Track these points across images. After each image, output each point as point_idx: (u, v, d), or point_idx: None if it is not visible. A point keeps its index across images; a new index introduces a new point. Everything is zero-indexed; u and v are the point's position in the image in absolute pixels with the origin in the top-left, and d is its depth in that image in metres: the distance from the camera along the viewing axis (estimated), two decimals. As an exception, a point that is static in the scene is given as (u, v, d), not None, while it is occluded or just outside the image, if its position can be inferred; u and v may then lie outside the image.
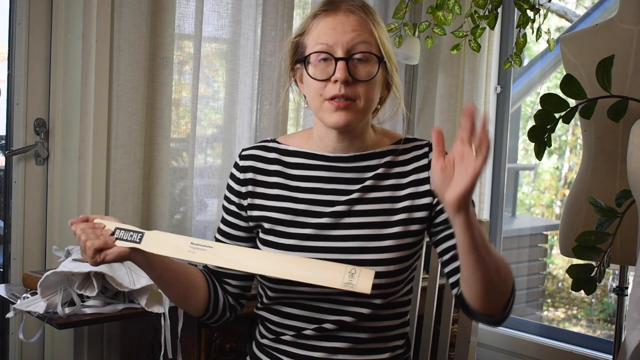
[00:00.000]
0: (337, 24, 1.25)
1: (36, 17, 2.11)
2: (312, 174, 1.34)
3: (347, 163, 1.33)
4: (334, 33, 1.24)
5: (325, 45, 1.24)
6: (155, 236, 1.20)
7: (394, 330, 1.35)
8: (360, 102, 1.25)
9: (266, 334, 1.37)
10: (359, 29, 1.25)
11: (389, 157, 1.33)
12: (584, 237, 1.67)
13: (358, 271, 1.11)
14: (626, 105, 1.63)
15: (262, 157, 1.38)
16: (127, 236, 1.20)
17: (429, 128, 2.91)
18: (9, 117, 2.13)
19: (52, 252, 2.04)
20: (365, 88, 1.25)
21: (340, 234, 1.29)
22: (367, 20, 1.26)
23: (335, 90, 1.23)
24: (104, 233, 1.21)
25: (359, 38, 1.24)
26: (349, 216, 1.30)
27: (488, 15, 2.35)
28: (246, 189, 1.36)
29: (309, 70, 1.26)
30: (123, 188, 2.11)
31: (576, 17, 3.80)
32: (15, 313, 1.76)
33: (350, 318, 1.29)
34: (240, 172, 1.38)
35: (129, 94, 2.09)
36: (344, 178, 1.32)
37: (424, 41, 2.59)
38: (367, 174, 1.32)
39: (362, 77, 1.24)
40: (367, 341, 1.31)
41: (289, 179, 1.35)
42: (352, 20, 1.25)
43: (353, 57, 1.24)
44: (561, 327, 3.61)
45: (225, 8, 2.36)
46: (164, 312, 1.78)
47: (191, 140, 2.28)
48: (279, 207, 1.33)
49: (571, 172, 4.34)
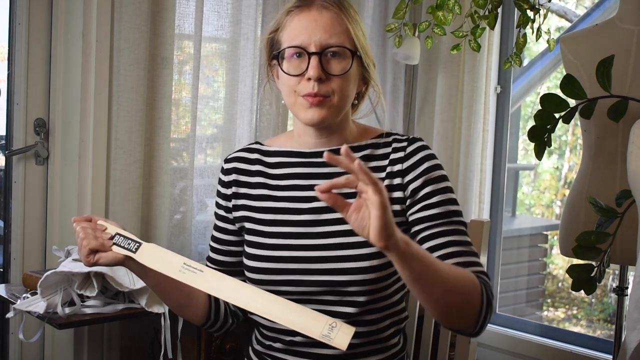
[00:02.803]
0: (310, 21, 1.25)
1: (36, 17, 2.11)
2: (291, 171, 1.35)
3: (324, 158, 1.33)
4: (307, 29, 1.25)
5: (299, 41, 1.25)
6: (151, 249, 1.20)
7: (387, 330, 1.32)
8: (334, 98, 1.25)
9: (261, 341, 1.37)
10: (332, 24, 1.25)
11: (367, 151, 1.33)
12: (584, 237, 1.67)
13: (338, 325, 1.08)
14: (626, 105, 1.63)
15: (244, 158, 1.39)
16: (125, 243, 1.20)
17: (429, 128, 2.91)
18: (9, 117, 2.13)
19: (52, 252, 2.04)
20: (340, 83, 1.25)
21: (321, 230, 1.29)
22: (341, 15, 1.26)
23: (309, 88, 1.24)
24: (102, 235, 1.21)
25: (332, 34, 1.25)
26: (328, 212, 1.29)
27: (488, 15, 2.35)
28: (231, 191, 1.38)
29: (282, 65, 1.27)
30: (123, 188, 2.11)
31: (576, 17, 3.80)
32: (15, 313, 1.76)
33: (338, 319, 1.28)
34: (225, 175, 1.39)
35: (129, 94, 2.09)
36: (321, 173, 1.33)
37: (424, 41, 2.59)
38: None
39: (336, 72, 1.25)
40: (359, 346, 1.30)
41: (270, 179, 1.36)
42: (325, 16, 1.25)
43: (326, 52, 1.24)
44: (561, 327, 3.61)
45: (225, 8, 2.36)
46: (164, 312, 1.79)
47: (191, 140, 2.28)
48: (261, 207, 1.34)
49: (571, 172, 4.34)
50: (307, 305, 1.28)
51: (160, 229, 2.20)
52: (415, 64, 2.75)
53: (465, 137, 2.80)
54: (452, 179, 1.83)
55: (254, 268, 1.31)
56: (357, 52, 1.27)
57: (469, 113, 2.79)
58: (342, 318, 1.27)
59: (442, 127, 2.85)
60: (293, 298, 1.28)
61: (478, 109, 2.78)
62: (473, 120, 2.78)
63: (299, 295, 1.28)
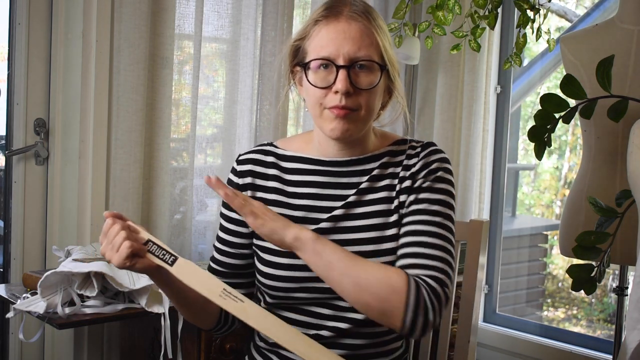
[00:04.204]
0: (339, 32, 1.22)
1: (36, 17, 2.11)
2: (309, 179, 1.32)
3: (343, 167, 1.31)
4: (335, 41, 1.22)
5: (327, 52, 1.22)
6: (187, 266, 1.16)
7: (392, 333, 1.33)
8: (361, 112, 1.23)
9: (266, 338, 1.36)
10: (361, 37, 1.22)
11: (385, 159, 1.32)
12: (584, 237, 1.67)
13: None
14: (626, 105, 1.63)
15: (260, 160, 1.36)
16: (160, 253, 1.16)
17: (429, 128, 2.92)
18: (9, 117, 2.13)
19: (52, 252, 2.04)
20: (367, 97, 1.23)
21: (339, 238, 1.27)
22: (370, 27, 1.24)
23: (335, 101, 1.21)
24: (137, 238, 1.16)
25: (361, 46, 1.22)
26: (347, 220, 1.28)
27: (488, 15, 2.35)
28: (246, 195, 1.33)
29: (309, 77, 1.24)
30: (123, 188, 2.11)
31: (576, 17, 3.80)
32: (15, 313, 1.76)
33: (346, 325, 1.28)
34: (239, 177, 1.35)
35: (129, 94, 2.09)
36: (340, 183, 1.31)
37: (424, 41, 2.59)
38: (363, 177, 1.31)
39: (364, 85, 1.22)
40: (364, 347, 1.30)
41: (286, 185, 1.33)
42: (354, 27, 1.22)
43: (355, 65, 1.22)
44: (561, 327, 3.61)
45: (225, 8, 2.36)
46: (164, 312, 1.78)
47: (191, 140, 2.28)
48: (277, 213, 1.32)
49: (571, 172, 4.34)
50: (320, 309, 1.29)
51: (160, 229, 2.20)
52: (415, 64, 2.75)
53: (465, 137, 2.80)
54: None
55: (268, 275, 1.29)
56: (386, 66, 1.25)
57: (469, 113, 2.79)
58: (351, 323, 1.28)
59: (442, 127, 2.85)
60: (306, 303, 1.29)
61: (478, 109, 2.78)
62: (473, 120, 2.78)
63: (312, 301, 1.28)
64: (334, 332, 1.28)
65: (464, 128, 2.80)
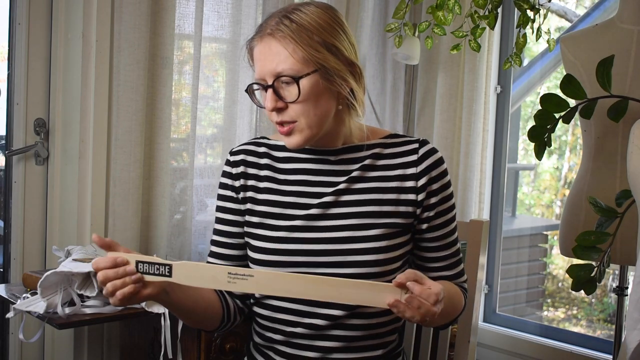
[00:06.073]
0: (261, 53, 1.26)
1: (36, 17, 2.11)
2: (300, 166, 1.36)
3: (334, 156, 1.35)
4: (259, 63, 1.27)
5: (257, 75, 1.27)
6: (184, 267, 1.14)
7: (387, 326, 1.35)
8: (301, 122, 1.25)
9: (261, 333, 1.37)
10: (277, 52, 1.23)
11: (376, 149, 1.35)
12: (584, 237, 1.67)
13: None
14: (626, 105, 1.63)
15: (253, 151, 1.41)
16: (153, 269, 1.13)
17: (429, 128, 2.91)
18: (9, 117, 2.13)
19: (52, 252, 2.04)
20: (300, 107, 1.24)
21: (328, 224, 1.30)
22: (286, 39, 1.23)
23: (274, 117, 1.27)
24: (128, 273, 1.11)
25: (279, 62, 1.23)
26: (336, 207, 1.31)
27: (488, 15, 2.35)
28: (239, 183, 1.39)
29: (254, 100, 1.31)
30: (123, 188, 2.11)
31: (576, 17, 3.80)
32: (15, 313, 1.76)
33: (340, 311, 1.29)
34: (233, 167, 1.40)
35: (129, 94, 2.10)
36: (331, 170, 1.34)
37: (424, 41, 2.59)
38: (354, 165, 1.34)
39: (290, 99, 1.24)
40: (359, 339, 1.32)
41: (278, 172, 1.37)
42: (273, 44, 1.24)
43: (279, 80, 1.24)
44: (561, 327, 3.61)
45: (225, 8, 2.36)
46: (164, 312, 1.79)
47: (191, 140, 2.28)
48: (267, 200, 1.35)
49: (571, 172, 4.34)
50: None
51: (160, 229, 2.20)
52: (415, 64, 2.75)
53: (465, 137, 2.80)
54: (452, 178, 1.83)
55: (259, 261, 1.32)
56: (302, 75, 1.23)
57: (469, 113, 2.79)
58: (344, 310, 1.30)
59: (442, 127, 2.85)
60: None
61: (478, 109, 2.78)
62: (473, 120, 2.78)
63: None
64: (327, 320, 1.30)
65: (464, 128, 2.80)
